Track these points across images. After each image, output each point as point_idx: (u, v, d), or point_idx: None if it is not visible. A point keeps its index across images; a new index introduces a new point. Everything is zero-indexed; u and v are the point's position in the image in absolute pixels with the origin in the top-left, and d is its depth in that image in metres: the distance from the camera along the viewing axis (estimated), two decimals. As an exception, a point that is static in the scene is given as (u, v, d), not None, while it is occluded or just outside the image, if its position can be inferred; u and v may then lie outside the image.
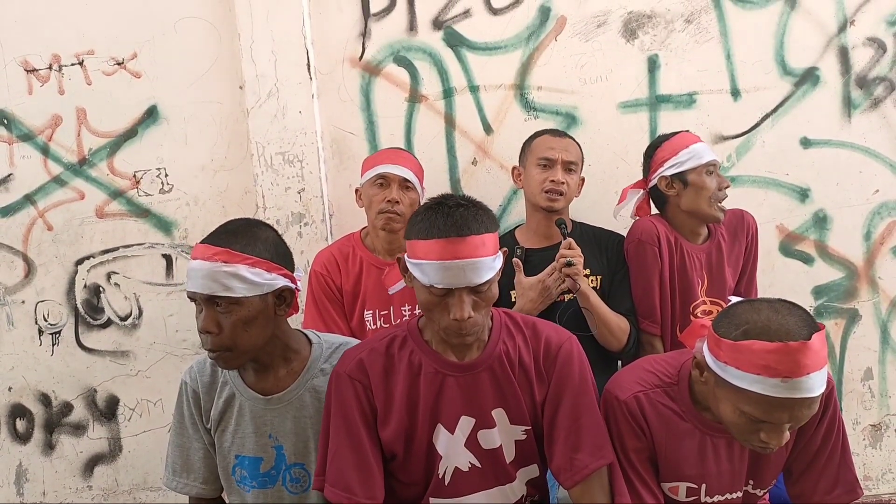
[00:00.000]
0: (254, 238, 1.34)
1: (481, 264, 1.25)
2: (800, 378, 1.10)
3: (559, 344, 1.38)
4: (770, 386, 1.11)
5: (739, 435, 1.22)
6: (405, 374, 1.36)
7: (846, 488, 1.34)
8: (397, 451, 1.38)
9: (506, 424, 1.37)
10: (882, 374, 2.30)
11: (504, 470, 1.39)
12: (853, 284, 2.29)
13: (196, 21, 2.32)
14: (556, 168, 1.89)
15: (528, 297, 1.82)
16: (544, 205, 1.89)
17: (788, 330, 1.12)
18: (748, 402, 1.15)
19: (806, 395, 1.12)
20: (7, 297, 2.45)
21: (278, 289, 1.35)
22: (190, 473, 1.47)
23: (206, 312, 1.31)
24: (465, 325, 1.26)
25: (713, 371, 1.20)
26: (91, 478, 2.46)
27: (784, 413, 1.13)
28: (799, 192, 2.27)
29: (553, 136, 1.95)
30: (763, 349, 1.11)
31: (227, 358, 1.34)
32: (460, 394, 1.35)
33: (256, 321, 1.32)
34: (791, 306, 1.18)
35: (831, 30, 2.24)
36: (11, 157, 2.41)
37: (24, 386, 2.46)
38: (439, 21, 2.29)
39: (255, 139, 2.27)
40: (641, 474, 1.33)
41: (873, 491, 2.33)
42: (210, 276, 1.29)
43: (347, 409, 1.35)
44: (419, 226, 1.29)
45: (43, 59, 2.37)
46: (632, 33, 2.27)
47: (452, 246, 1.24)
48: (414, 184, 1.97)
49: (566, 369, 1.37)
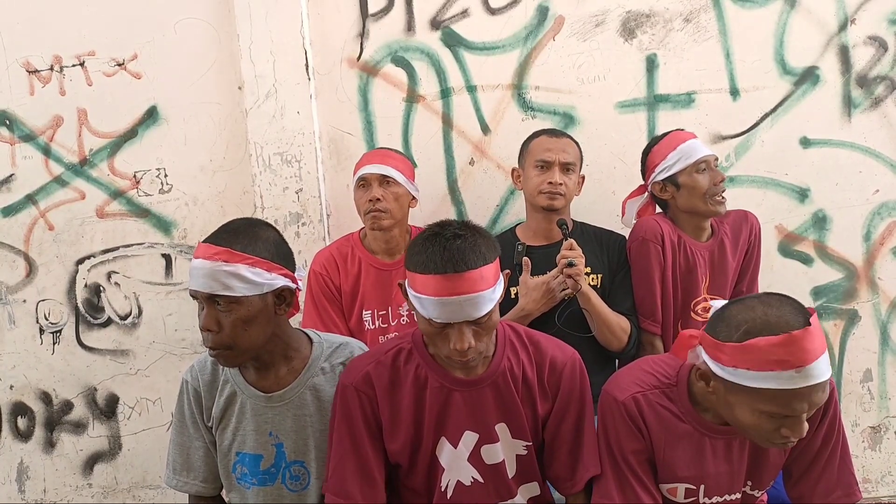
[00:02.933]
0: (254, 238, 1.36)
1: (480, 299, 1.23)
2: (811, 364, 1.11)
3: (564, 362, 1.40)
4: (785, 379, 1.11)
5: (759, 436, 1.20)
6: (411, 387, 1.37)
7: (845, 490, 1.34)
8: (402, 462, 1.40)
9: (508, 439, 1.39)
10: (882, 376, 2.29)
11: (506, 485, 1.41)
12: (853, 285, 2.28)
13: (195, 22, 2.33)
14: (554, 170, 1.88)
15: (531, 297, 1.82)
16: (544, 204, 1.89)
17: (788, 320, 1.13)
18: (766, 401, 1.14)
19: (820, 379, 1.13)
20: (8, 297, 2.47)
21: (278, 288, 1.36)
22: (190, 472, 1.48)
23: (206, 311, 1.33)
24: (467, 354, 1.26)
25: (721, 378, 1.19)
26: (91, 476, 2.48)
27: (803, 402, 1.13)
28: (798, 192, 2.26)
29: (550, 137, 1.93)
30: (770, 344, 1.11)
31: (227, 356, 1.35)
32: (465, 409, 1.37)
33: (256, 320, 1.34)
34: (779, 297, 1.19)
35: (831, 28, 2.22)
36: (13, 158, 2.43)
37: (26, 384, 2.48)
38: (437, 21, 2.29)
39: (253, 139, 2.27)
40: (639, 475, 1.33)
41: (873, 493, 2.31)
42: (211, 275, 1.30)
43: (353, 420, 1.36)
44: (416, 258, 1.27)
45: (44, 60, 2.38)
46: (630, 33, 2.26)
47: (450, 282, 1.22)
48: (395, 178, 1.95)
49: (571, 385, 1.39)
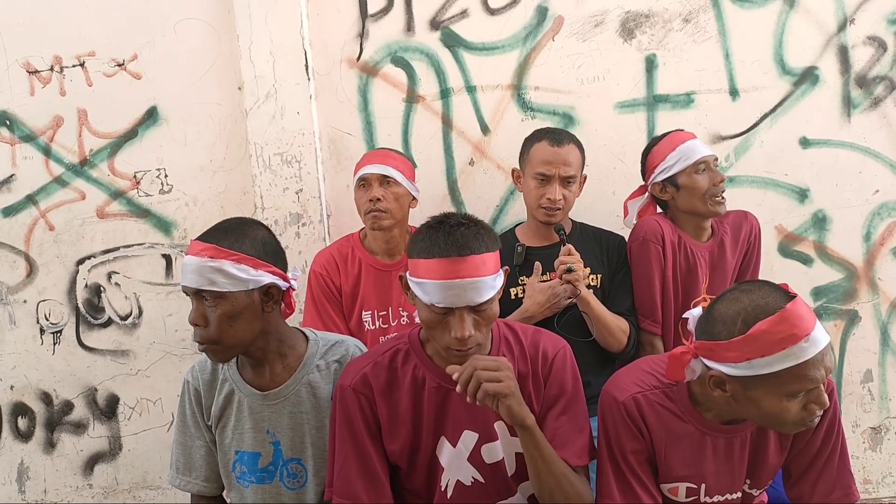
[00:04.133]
0: (242, 235, 1.37)
1: (482, 284, 1.25)
2: (814, 329, 1.14)
3: (555, 351, 1.41)
4: (799, 351, 1.13)
5: (789, 421, 1.19)
6: (409, 388, 1.37)
7: (844, 491, 1.33)
8: (401, 463, 1.40)
9: (507, 437, 1.38)
10: (882, 377, 2.29)
11: (506, 483, 1.41)
12: (853, 285, 2.27)
13: (195, 23, 2.33)
14: (554, 186, 1.83)
15: (535, 300, 1.82)
16: (542, 219, 1.88)
17: (775, 298, 1.16)
18: (789, 380, 1.14)
19: (826, 342, 1.15)
20: (9, 297, 2.47)
21: (265, 285, 1.37)
22: (192, 471, 1.49)
23: (194, 306, 1.36)
24: (466, 343, 1.27)
25: (736, 378, 1.18)
26: (91, 476, 2.48)
27: (820, 369, 1.15)
28: (798, 192, 2.26)
29: (551, 146, 1.84)
30: (773, 324, 1.13)
31: (214, 351, 1.37)
32: (463, 408, 1.36)
33: (242, 316, 1.35)
34: (755, 282, 1.23)
35: (831, 29, 2.22)
36: (13, 158, 2.43)
37: (26, 385, 2.48)
38: (436, 21, 2.29)
39: (253, 140, 2.28)
40: (640, 475, 1.32)
41: (873, 494, 2.30)
42: (197, 270, 1.33)
43: (353, 421, 1.37)
44: (420, 244, 1.29)
45: (44, 60, 2.39)
46: (629, 33, 2.26)
47: (453, 265, 1.24)
48: (395, 178, 1.95)
49: (561, 374, 1.40)
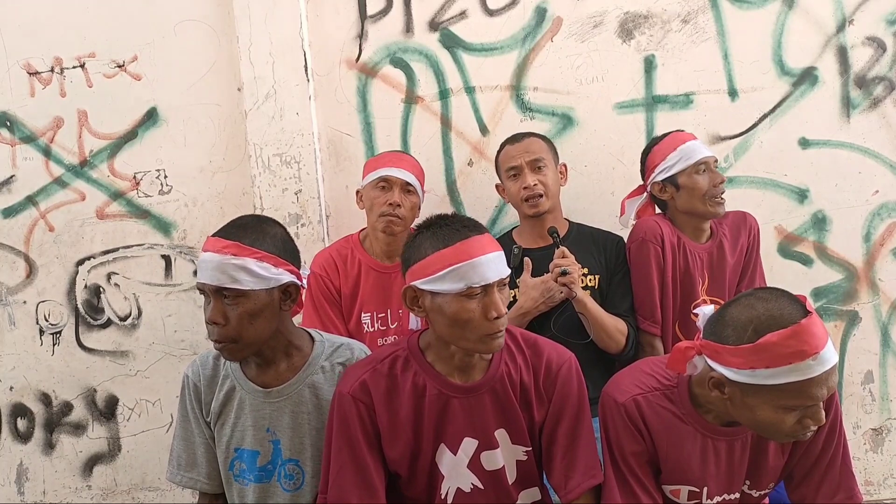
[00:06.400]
0: (263, 233, 1.37)
1: (501, 257, 1.30)
2: (824, 349, 1.12)
3: (560, 364, 1.39)
4: (805, 368, 1.12)
5: (782, 432, 1.19)
6: (409, 395, 1.37)
7: (847, 493, 1.33)
8: (401, 470, 1.39)
9: (508, 445, 1.38)
10: (883, 378, 2.27)
11: (506, 491, 1.40)
12: (853, 286, 2.26)
13: (195, 24, 2.34)
14: (524, 174, 1.90)
15: (530, 296, 1.83)
16: (529, 212, 1.91)
17: (791, 311, 1.14)
18: (789, 395, 1.14)
19: (833, 361, 1.14)
20: (9, 298, 2.48)
21: (284, 284, 1.38)
22: (195, 468, 1.48)
23: (213, 304, 1.34)
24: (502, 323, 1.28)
25: (737, 383, 1.18)
26: (90, 477, 2.48)
27: (823, 388, 1.14)
28: (797, 192, 2.25)
29: (511, 144, 1.95)
30: (783, 337, 1.11)
31: (231, 349, 1.36)
32: (464, 415, 1.36)
33: (262, 314, 1.35)
34: (773, 291, 1.20)
35: (830, 29, 2.22)
36: (14, 159, 2.44)
37: (25, 385, 2.48)
38: (435, 22, 2.29)
39: (252, 141, 2.28)
40: (640, 477, 1.31)
41: (875, 496, 2.29)
42: (219, 268, 1.32)
43: (350, 429, 1.36)
44: (427, 243, 1.30)
45: (45, 61, 2.40)
46: (628, 34, 2.26)
47: (474, 243, 1.27)
48: (416, 187, 1.98)
49: (567, 389, 1.38)
